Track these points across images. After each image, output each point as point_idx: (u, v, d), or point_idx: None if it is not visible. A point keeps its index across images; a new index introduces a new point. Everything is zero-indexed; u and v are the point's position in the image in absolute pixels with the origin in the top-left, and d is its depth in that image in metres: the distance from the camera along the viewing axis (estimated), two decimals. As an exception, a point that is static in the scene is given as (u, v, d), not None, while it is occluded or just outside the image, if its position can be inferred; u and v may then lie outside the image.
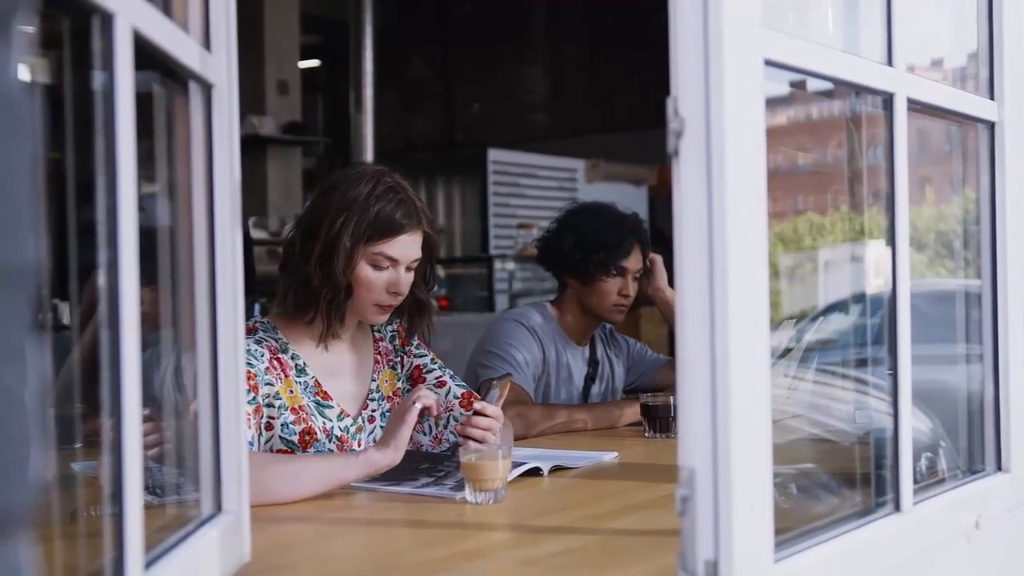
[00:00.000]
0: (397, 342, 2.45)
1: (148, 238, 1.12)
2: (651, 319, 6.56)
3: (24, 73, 0.62)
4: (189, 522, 1.33)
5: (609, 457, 2.38)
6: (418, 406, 2.01)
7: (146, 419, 1.41)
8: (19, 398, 0.60)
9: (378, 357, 2.40)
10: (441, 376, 2.44)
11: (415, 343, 2.47)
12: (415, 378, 2.43)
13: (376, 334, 2.43)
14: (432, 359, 2.47)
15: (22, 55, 0.62)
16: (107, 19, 0.99)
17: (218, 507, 1.38)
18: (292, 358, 2.25)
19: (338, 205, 2.19)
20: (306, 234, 2.22)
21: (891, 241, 1.54)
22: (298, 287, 2.22)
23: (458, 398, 2.39)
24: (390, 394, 2.40)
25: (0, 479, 0.59)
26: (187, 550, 1.23)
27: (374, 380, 2.37)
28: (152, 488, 1.34)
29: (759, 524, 1.21)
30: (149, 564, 1.10)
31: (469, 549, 1.65)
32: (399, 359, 2.44)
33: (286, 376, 2.21)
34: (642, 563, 1.55)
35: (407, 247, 2.24)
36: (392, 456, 1.97)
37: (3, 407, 0.59)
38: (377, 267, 2.22)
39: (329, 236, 2.18)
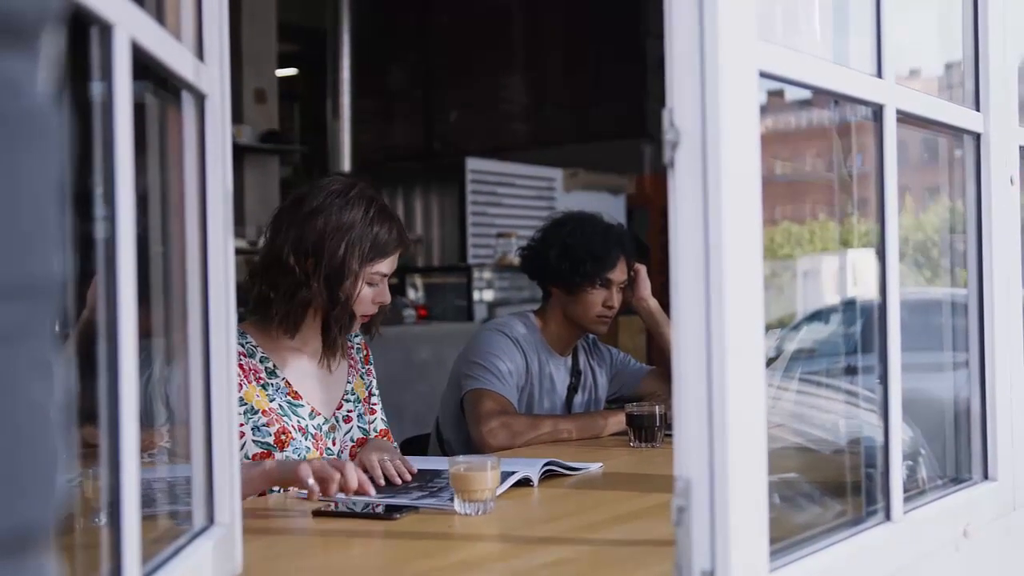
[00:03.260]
0: (361, 356, 2.53)
1: (139, 247, 1.11)
2: (629, 328, 6.56)
3: (50, 86, 0.62)
4: (182, 534, 1.32)
5: (595, 467, 2.38)
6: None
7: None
8: (46, 413, 0.60)
9: (351, 362, 2.48)
10: (376, 404, 2.54)
11: (371, 363, 2.57)
12: (370, 395, 2.53)
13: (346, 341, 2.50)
14: (376, 384, 2.57)
15: (48, 69, 0.62)
16: (106, 30, 0.99)
17: (211, 519, 1.37)
18: (261, 361, 2.30)
19: (335, 228, 2.25)
20: (300, 256, 2.25)
21: (881, 251, 1.55)
22: (298, 308, 2.27)
23: (376, 432, 2.47)
24: (364, 397, 2.48)
25: (28, 494, 0.58)
26: (181, 563, 1.22)
27: (349, 382, 2.45)
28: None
29: (755, 534, 1.21)
30: (144, 577, 1.10)
31: (460, 560, 1.65)
32: (365, 371, 2.53)
33: (250, 382, 2.26)
34: (635, 572, 1.55)
35: (395, 262, 2.36)
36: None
37: (31, 422, 0.59)
38: (371, 284, 2.31)
39: (334, 261, 2.24)
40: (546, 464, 2.22)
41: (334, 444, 2.36)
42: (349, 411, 2.42)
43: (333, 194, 2.29)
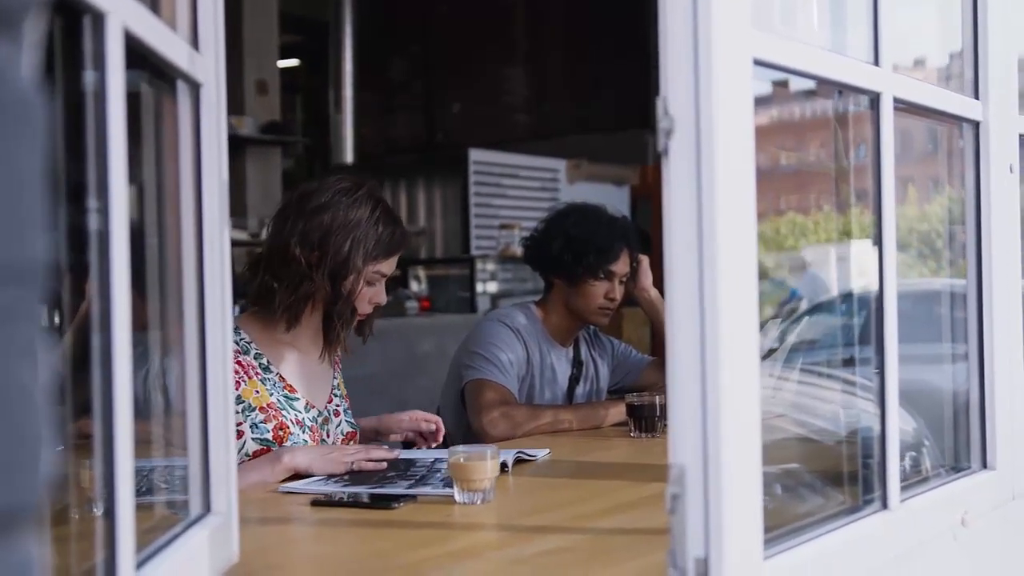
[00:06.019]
0: (340, 355, 2.56)
1: (134, 239, 1.12)
2: (633, 319, 6.57)
3: (33, 73, 0.63)
4: (178, 523, 1.32)
5: (542, 454, 2.38)
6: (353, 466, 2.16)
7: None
8: (32, 395, 0.60)
9: (336, 360, 2.52)
10: (341, 405, 2.53)
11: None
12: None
13: None
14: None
15: (32, 56, 0.62)
16: (98, 18, 0.99)
17: (207, 508, 1.38)
18: (255, 358, 2.31)
19: (342, 225, 2.28)
20: (306, 249, 2.27)
21: (878, 240, 1.55)
22: (301, 300, 2.29)
23: (344, 435, 2.47)
24: (346, 394, 2.52)
25: (12, 477, 0.59)
26: (177, 551, 1.22)
27: (335, 378, 2.49)
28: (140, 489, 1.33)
29: (749, 521, 1.21)
30: (139, 565, 1.10)
31: (458, 549, 1.65)
32: (341, 368, 2.57)
33: (250, 377, 2.27)
34: (631, 561, 1.55)
35: (395, 263, 2.39)
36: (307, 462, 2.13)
37: (17, 404, 0.59)
38: (370, 283, 2.34)
39: (339, 256, 2.27)
40: (516, 458, 2.24)
41: (328, 436, 2.40)
42: (337, 406, 2.47)
43: (341, 192, 2.31)
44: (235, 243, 6.36)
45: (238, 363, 2.25)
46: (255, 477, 2.08)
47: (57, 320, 1.40)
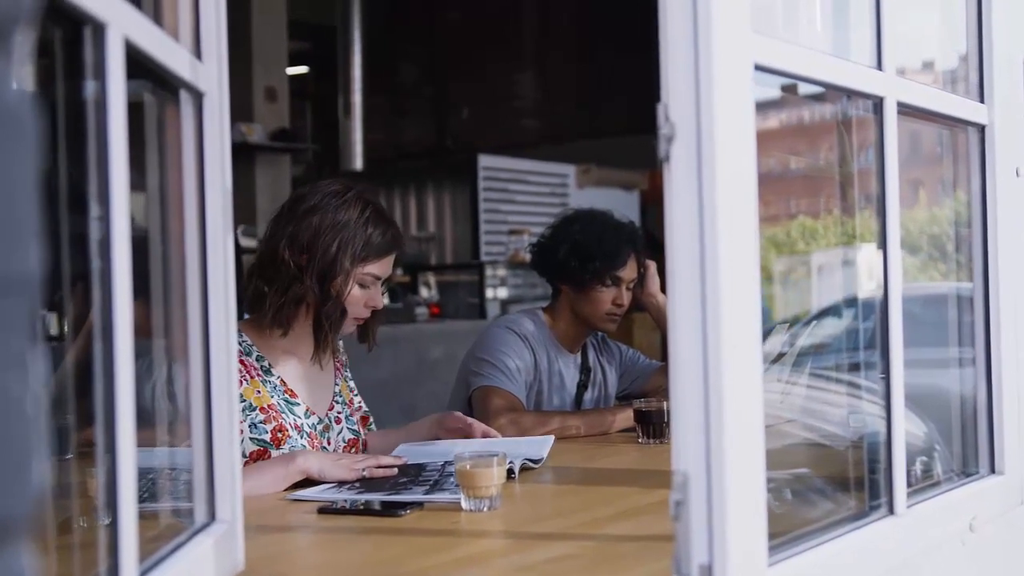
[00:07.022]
0: (345, 360, 2.57)
1: (138, 248, 1.12)
2: (644, 325, 6.56)
3: (25, 84, 0.63)
4: (183, 531, 1.32)
5: (547, 447, 2.38)
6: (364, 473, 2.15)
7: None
8: (21, 406, 0.61)
9: (338, 365, 2.52)
10: (357, 398, 2.55)
11: (347, 368, 2.59)
12: (352, 397, 2.56)
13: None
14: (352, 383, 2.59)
15: (23, 66, 0.62)
16: (99, 29, 0.99)
17: (212, 516, 1.38)
18: (257, 360, 2.32)
19: (331, 227, 2.29)
20: (295, 251, 2.28)
21: (883, 244, 1.55)
22: (291, 303, 2.29)
23: (345, 443, 2.47)
24: (349, 400, 2.52)
25: (2, 487, 0.59)
26: (181, 559, 1.23)
27: (336, 384, 2.49)
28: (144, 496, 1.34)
29: (753, 527, 1.21)
30: (143, 574, 1.10)
31: (464, 556, 1.65)
32: (347, 375, 2.57)
33: (252, 378, 2.29)
34: (637, 568, 1.54)
35: (390, 266, 2.38)
36: (318, 467, 2.11)
37: (6, 415, 0.59)
38: (363, 286, 2.34)
39: (326, 258, 2.27)
40: (523, 464, 2.24)
41: (328, 443, 2.40)
42: (339, 413, 2.47)
43: (330, 194, 2.32)
44: (245, 251, 6.37)
45: (240, 363, 2.26)
46: (267, 478, 2.08)
47: (65, 329, 1.41)
